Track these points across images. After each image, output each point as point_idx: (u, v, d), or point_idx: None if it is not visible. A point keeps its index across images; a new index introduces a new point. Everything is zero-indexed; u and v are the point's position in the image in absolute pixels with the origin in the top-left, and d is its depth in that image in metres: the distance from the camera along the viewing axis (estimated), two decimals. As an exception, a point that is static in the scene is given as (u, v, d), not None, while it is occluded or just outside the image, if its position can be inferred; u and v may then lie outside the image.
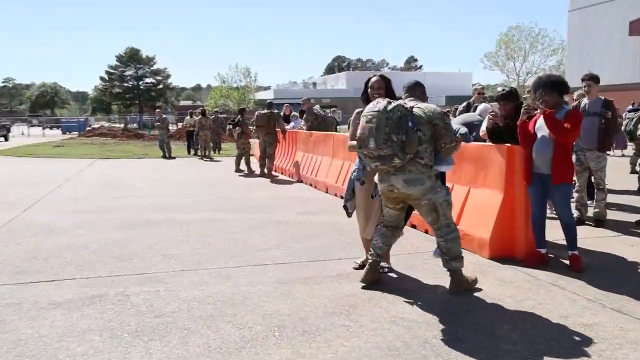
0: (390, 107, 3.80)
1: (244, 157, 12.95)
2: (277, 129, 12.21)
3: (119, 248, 5.52)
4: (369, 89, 4.46)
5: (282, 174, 12.57)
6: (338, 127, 19.16)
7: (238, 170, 12.74)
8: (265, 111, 12.10)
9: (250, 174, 12.63)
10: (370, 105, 3.93)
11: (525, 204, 4.98)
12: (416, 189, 3.92)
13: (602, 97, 6.34)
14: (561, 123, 4.50)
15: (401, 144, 3.76)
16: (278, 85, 76.49)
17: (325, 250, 5.42)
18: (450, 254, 4.04)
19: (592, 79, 6.28)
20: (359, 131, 3.94)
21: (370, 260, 4.25)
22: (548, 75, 4.82)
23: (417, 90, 4.17)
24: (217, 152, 20.22)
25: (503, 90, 5.34)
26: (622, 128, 9.40)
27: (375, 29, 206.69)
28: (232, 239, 5.90)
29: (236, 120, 13.50)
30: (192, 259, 5.08)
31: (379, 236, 4.25)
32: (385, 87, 4.43)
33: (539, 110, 4.66)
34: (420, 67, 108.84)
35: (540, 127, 4.70)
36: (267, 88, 76.60)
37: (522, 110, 4.78)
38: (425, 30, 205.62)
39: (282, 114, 15.15)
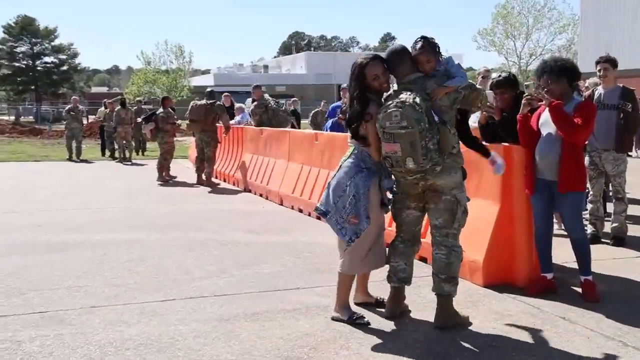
0: (418, 108, 3.90)
1: (167, 161, 12.76)
2: (217, 125, 12.19)
3: (8, 280, 5.39)
4: (370, 79, 4.17)
5: (224, 181, 12.53)
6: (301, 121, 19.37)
7: (162, 178, 12.58)
8: (203, 102, 12.01)
9: (169, 181, 12.53)
10: (390, 111, 3.92)
11: (527, 218, 5.14)
12: (447, 178, 4.11)
13: (621, 85, 6.60)
14: (570, 117, 4.67)
15: (437, 147, 3.97)
16: (219, 68, 76.20)
17: (279, 278, 5.44)
18: (447, 272, 4.17)
19: (608, 62, 6.52)
20: (384, 149, 4.02)
21: (393, 288, 4.40)
22: (555, 58, 5.00)
23: (407, 61, 4.15)
24: (140, 153, 19.98)
25: (499, 76, 5.51)
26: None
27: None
28: (160, 266, 5.85)
29: (150, 112, 13.42)
30: (107, 292, 5.01)
31: (398, 257, 4.37)
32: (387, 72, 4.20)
33: (543, 102, 4.83)
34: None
35: (546, 123, 4.85)
36: (206, 72, 76.20)
37: (522, 102, 4.93)
38: (404, 1, 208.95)
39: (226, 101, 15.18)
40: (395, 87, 4.26)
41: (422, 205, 4.32)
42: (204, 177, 12.19)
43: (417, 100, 3.95)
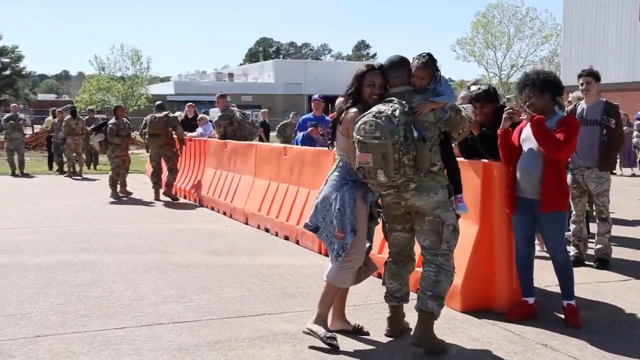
0: (394, 120, 4.01)
1: (120, 176, 12.63)
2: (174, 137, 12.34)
3: (-57, 305, 5.27)
4: (367, 87, 4.39)
5: (184, 198, 12.48)
6: (270, 134, 19.41)
7: (116, 194, 12.45)
8: (162, 115, 12.17)
9: (124, 197, 12.44)
10: (367, 119, 4.06)
11: (508, 239, 5.24)
12: (427, 199, 4.23)
13: (604, 100, 6.79)
14: (552, 133, 4.80)
15: (413, 163, 4.06)
16: (180, 76, 75.96)
17: (244, 303, 5.44)
18: (434, 290, 4.26)
19: (590, 75, 6.69)
20: (357, 158, 4.15)
21: (391, 307, 4.57)
22: (537, 71, 5.14)
23: (403, 71, 4.35)
24: (92, 167, 19.76)
25: (479, 88, 5.63)
26: (634, 140, 10.14)
27: (313, 3, 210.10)
28: (113, 290, 5.80)
29: (100, 122, 13.30)
30: (54, 320, 4.95)
31: (392, 278, 4.53)
32: (384, 84, 4.41)
33: (525, 116, 4.95)
34: (374, 55, 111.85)
35: (527, 138, 4.98)
36: (166, 80, 75.82)
37: (504, 116, 5.05)
38: (380, 6, 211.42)
39: (183, 116, 15.12)
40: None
41: (410, 227, 4.45)
42: (164, 188, 12.23)
43: (396, 112, 4.06)
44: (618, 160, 16.18)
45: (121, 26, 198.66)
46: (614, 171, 15.20)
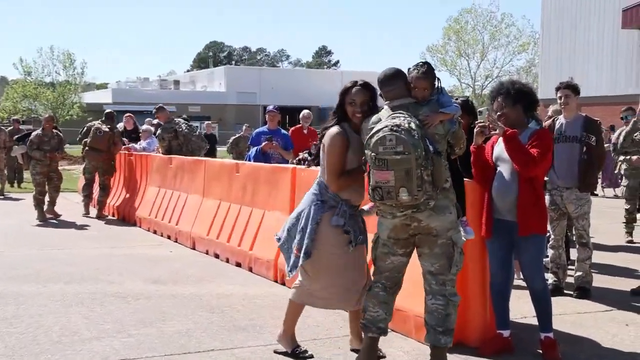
0: (414, 133, 4.12)
1: (43, 196, 12.45)
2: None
3: None
4: (348, 105, 4.70)
5: (123, 220, 12.35)
6: (217, 148, 19.35)
7: (42, 216, 12.26)
8: (108, 130, 12.42)
9: (53, 219, 12.26)
10: (385, 134, 4.15)
11: (481, 266, 5.35)
12: (443, 220, 4.35)
13: (584, 115, 6.98)
14: (526, 148, 4.94)
15: (432, 179, 4.18)
16: (119, 82, 75.31)
17: (189, 337, 5.42)
18: (445, 325, 4.43)
19: (569, 88, 6.87)
20: (375, 178, 4.21)
21: (369, 339, 4.61)
22: (512, 81, 5.28)
23: (400, 83, 4.50)
24: (16, 184, 19.39)
25: (456, 99, 5.76)
26: (614, 158, 10.32)
27: (269, 4, 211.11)
28: (39, 325, 5.72)
29: (25, 133, 13.17)
30: (-29, 358, 4.85)
31: (378, 306, 4.56)
32: (370, 101, 4.72)
33: (497, 130, 5.06)
34: (336, 63, 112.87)
35: (501, 156, 5.12)
36: (103, 87, 75.09)
37: (475, 130, 5.18)
38: (343, 9, 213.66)
39: (122, 128, 15.03)
40: (384, 111, 4.50)
41: (411, 250, 4.55)
42: (95, 206, 12.33)
43: (412, 125, 4.18)
44: (600, 181, 16.61)
45: (51, 26, 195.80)
46: (595, 192, 15.49)
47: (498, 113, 5.14)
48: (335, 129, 4.67)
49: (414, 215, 4.30)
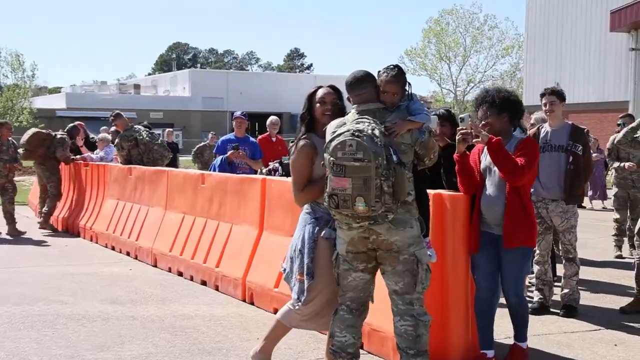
0: (376, 140, 4.12)
1: (2, 206, 12.45)
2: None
3: None
4: (317, 104, 4.81)
5: (78, 235, 12.24)
6: (179, 157, 19.30)
7: None
8: (37, 130, 12.82)
9: (15, 236, 12.18)
10: (345, 139, 4.16)
11: (464, 282, 5.40)
12: (402, 234, 4.33)
13: (570, 123, 7.08)
14: (512, 157, 5.03)
15: (392, 191, 4.15)
16: (74, 86, 74.79)
17: (151, 362, 5.38)
18: (416, 346, 4.40)
19: (555, 94, 6.96)
20: (332, 185, 4.20)
21: None
22: (498, 89, 5.36)
23: (369, 86, 4.53)
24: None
25: (439, 109, 5.84)
26: (606, 170, 10.48)
27: (237, 3, 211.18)
28: (-13, 349, 5.64)
29: None
30: None
31: (345, 330, 4.55)
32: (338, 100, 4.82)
33: (481, 138, 5.12)
34: (309, 67, 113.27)
35: (488, 167, 5.22)
36: (56, 91, 74.47)
37: (457, 137, 5.22)
38: (316, 9, 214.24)
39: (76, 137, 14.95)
40: (350, 114, 4.53)
41: (373, 266, 4.51)
42: (39, 216, 12.48)
43: (376, 132, 4.18)
44: (588, 192, 16.76)
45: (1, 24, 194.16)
46: (583, 204, 15.61)
47: (482, 122, 5.20)
48: (302, 142, 4.73)
49: (372, 227, 4.29)
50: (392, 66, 4.59)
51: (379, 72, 4.60)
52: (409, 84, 4.58)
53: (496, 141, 5.02)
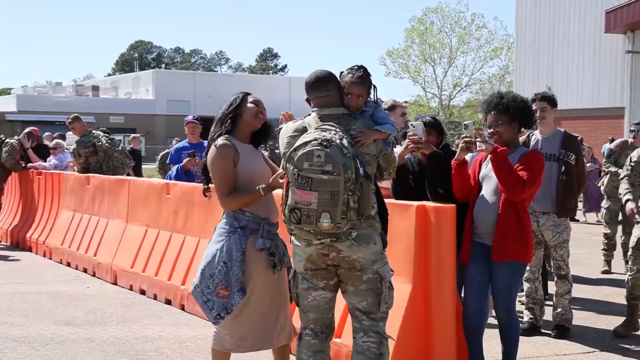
0: (345, 151, 4.07)
1: None
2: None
3: None
4: (251, 104, 4.93)
5: (30, 250, 12.15)
6: (142, 165, 19.17)
7: None
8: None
9: None
10: (312, 148, 4.07)
11: (451, 299, 5.42)
12: (365, 251, 4.31)
13: (562, 131, 7.17)
14: (515, 170, 5.10)
15: (357, 206, 4.12)
16: (26, 87, 74.20)
17: (111, 388, 5.36)
18: None
19: (546, 100, 7.05)
20: (295, 197, 4.11)
21: None
22: (514, 96, 5.40)
23: (333, 89, 4.50)
24: None
25: (424, 116, 5.90)
26: (601, 181, 10.49)
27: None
28: None
29: None
30: None
31: (313, 356, 4.49)
32: None
33: (485, 147, 5.18)
34: (284, 68, 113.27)
35: (487, 176, 5.30)
36: (6, 92, 73.80)
37: (460, 144, 5.32)
38: (291, 7, 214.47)
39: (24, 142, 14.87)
40: (310, 117, 4.49)
41: (335, 283, 4.49)
42: None
43: (345, 142, 4.14)
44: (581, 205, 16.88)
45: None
46: (575, 218, 15.68)
47: (490, 130, 5.25)
48: (220, 140, 4.71)
49: (333, 244, 4.26)
50: (357, 66, 4.56)
51: (341, 73, 4.57)
52: (375, 87, 4.57)
53: (501, 152, 5.09)
